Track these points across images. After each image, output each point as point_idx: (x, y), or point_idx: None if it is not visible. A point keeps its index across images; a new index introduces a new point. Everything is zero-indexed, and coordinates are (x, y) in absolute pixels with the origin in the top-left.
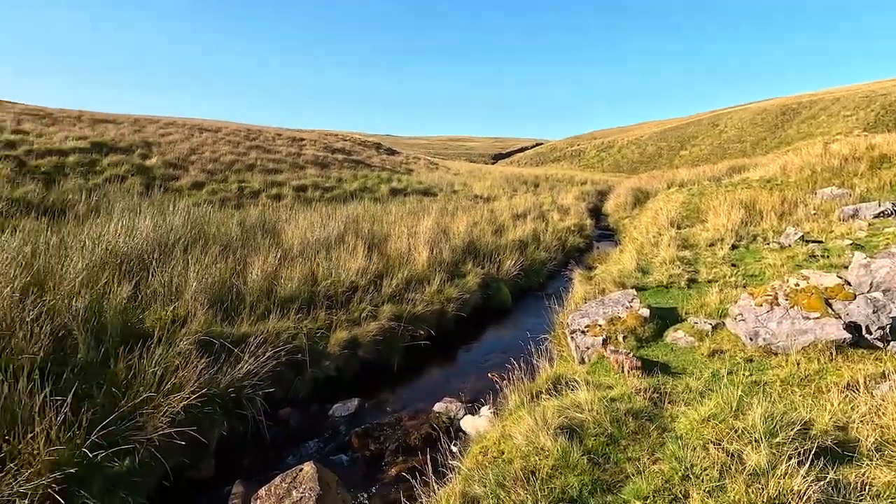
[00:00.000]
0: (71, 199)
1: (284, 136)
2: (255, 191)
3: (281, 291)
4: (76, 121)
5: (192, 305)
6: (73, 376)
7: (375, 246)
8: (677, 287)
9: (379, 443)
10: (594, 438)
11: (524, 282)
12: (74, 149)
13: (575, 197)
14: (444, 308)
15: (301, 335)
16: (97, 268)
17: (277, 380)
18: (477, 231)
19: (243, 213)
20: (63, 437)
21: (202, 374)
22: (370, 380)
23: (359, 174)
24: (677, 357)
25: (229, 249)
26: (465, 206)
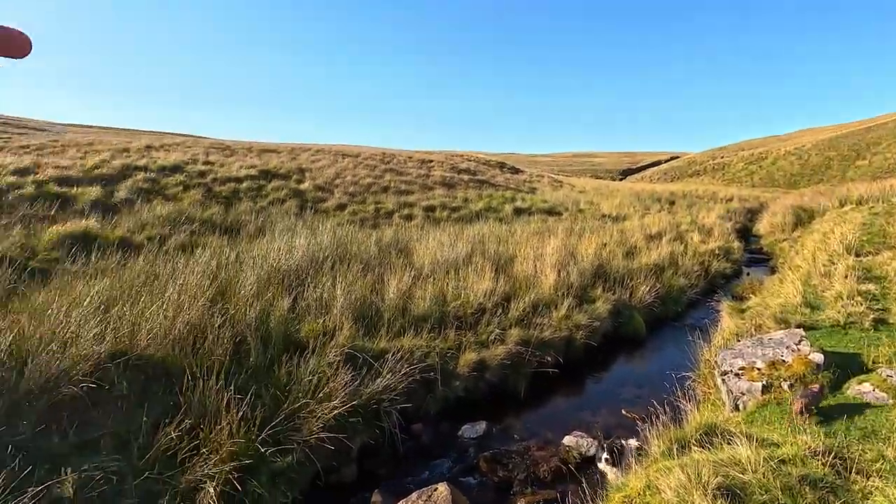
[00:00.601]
0: (244, 220)
1: (414, 158)
2: (389, 211)
3: (414, 310)
4: (248, 151)
5: (339, 319)
6: (247, 378)
7: (501, 267)
8: (859, 328)
9: (507, 470)
10: None
11: (660, 310)
12: (247, 176)
13: (719, 216)
14: (572, 335)
15: (433, 354)
16: (264, 282)
17: (411, 395)
18: (606, 253)
19: (379, 233)
20: (241, 431)
21: (348, 385)
22: (497, 403)
23: (483, 194)
24: (864, 416)
25: (368, 267)
26: (592, 226)
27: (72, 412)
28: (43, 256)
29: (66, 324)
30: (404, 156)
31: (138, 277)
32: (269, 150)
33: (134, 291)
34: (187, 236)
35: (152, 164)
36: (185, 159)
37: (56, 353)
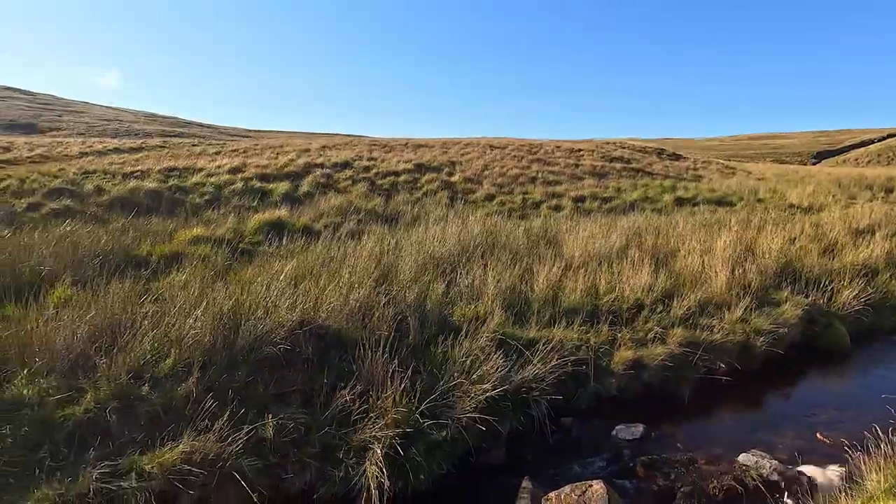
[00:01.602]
0: (401, 210)
1: (562, 148)
2: (537, 202)
3: (564, 301)
4: (404, 147)
5: (490, 306)
6: (407, 353)
7: (661, 262)
8: None
9: (668, 479)
10: None
11: (871, 320)
12: (404, 170)
13: None
14: (748, 340)
15: (585, 347)
16: (420, 267)
17: (561, 388)
18: (795, 250)
19: (527, 223)
20: (403, 400)
21: (499, 369)
22: (655, 407)
23: (638, 183)
24: None
25: (517, 257)
26: (775, 217)
27: (271, 368)
28: (249, 240)
29: (267, 295)
30: (552, 146)
31: (318, 259)
32: (422, 146)
33: (315, 271)
34: (355, 224)
35: (327, 162)
36: (352, 156)
37: (261, 318)
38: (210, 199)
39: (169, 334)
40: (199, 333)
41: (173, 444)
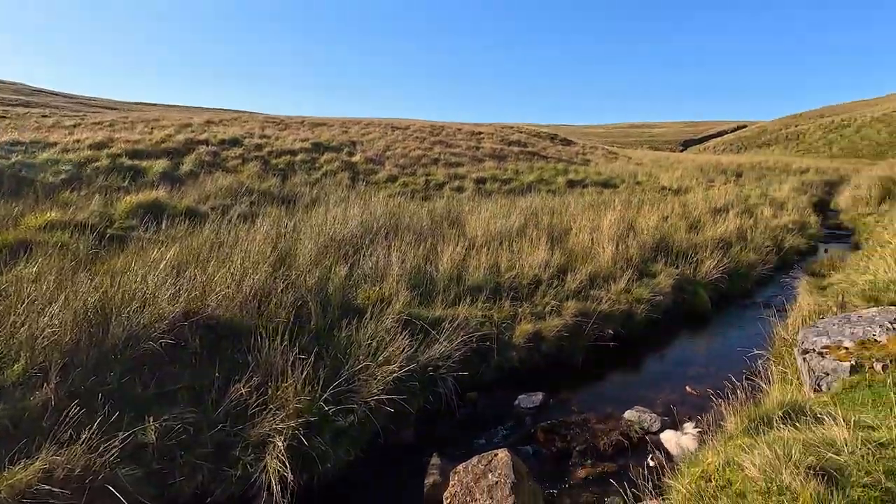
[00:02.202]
0: (299, 191)
1: (464, 130)
2: (440, 183)
3: (468, 280)
4: (300, 125)
5: (395, 287)
6: (309, 339)
7: (556, 240)
8: None
9: (565, 441)
10: (862, 490)
11: (727, 286)
12: (301, 149)
13: (793, 188)
14: (631, 308)
15: (488, 323)
16: (321, 250)
17: (466, 364)
18: (668, 226)
19: (431, 204)
20: (305, 389)
21: (405, 350)
22: (553, 375)
23: (535, 166)
24: None
25: (421, 238)
26: (651, 198)
27: (152, 366)
28: (119, 224)
29: (144, 285)
30: (454, 128)
31: (205, 244)
32: (320, 124)
33: (202, 257)
34: (247, 207)
35: (213, 139)
36: (242, 133)
37: (136, 312)
38: (68, 179)
39: (16, 335)
40: (58, 332)
41: (27, 461)
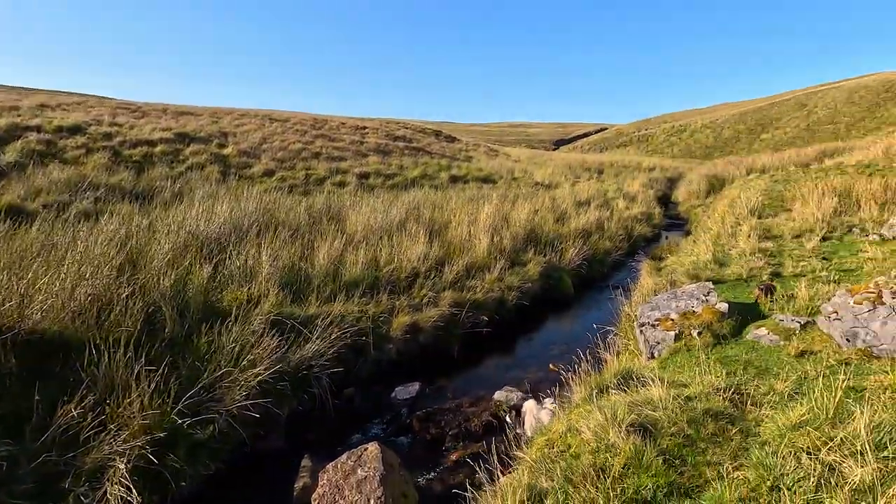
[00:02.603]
0: (158, 186)
1: (348, 124)
2: (321, 178)
3: (346, 275)
4: (162, 113)
5: (264, 287)
6: (161, 349)
7: (436, 233)
8: (759, 281)
9: (439, 427)
10: (669, 439)
11: (587, 272)
12: (161, 139)
13: (642, 184)
14: (504, 296)
15: (365, 318)
16: (181, 250)
17: (342, 360)
18: (538, 219)
19: (310, 200)
20: (154, 403)
21: (274, 351)
22: (431, 365)
23: (419, 161)
24: (759, 356)
25: (298, 234)
26: (525, 193)
27: None
28: None
29: None
30: (337, 122)
31: (31, 247)
32: (186, 113)
33: (26, 262)
34: (91, 203)
35: (47, 125)
36: (87, 120)
37: None
38: None
39: None
40: None
41: None
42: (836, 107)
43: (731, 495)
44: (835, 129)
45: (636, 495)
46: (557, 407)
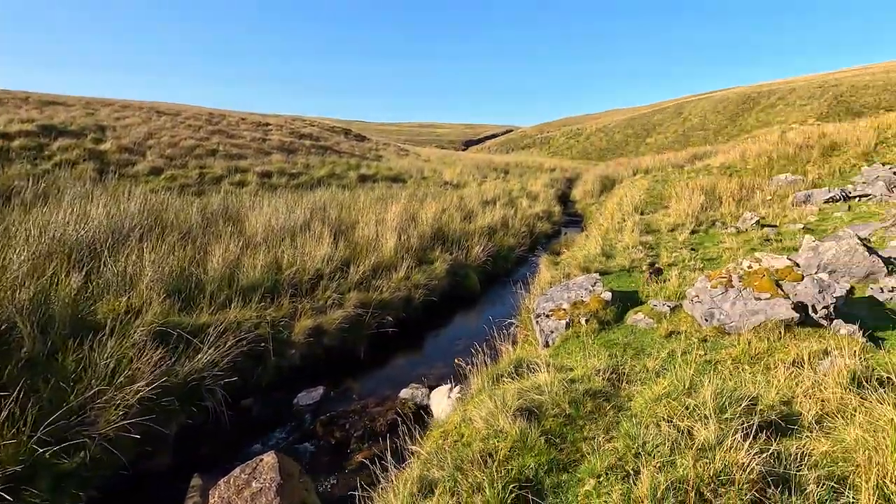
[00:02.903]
0: (16, 186)
1: (249, 120)
2: (218, 177)
3: (243, 280)
4: (22, 102)
5: (147, 295)
6: (18, 371)
7: (342, 233)
8: (639, 271)
9: (344, 430)
10: (552, 419)
11: (493, 268)
12: (20, 132)
13: (544, 184)
14: (411, 294)
15: (264, 324)
16: (43, 257)
17: (239, 369)
18: (446, 217)
19: (204, 200)
20: (7, 434)
21: (158, 365)
22: (336, 368)
23: (327, 160)
24: (637, 338)
25: (189, 237)
26: (434, 192)
27: None
28: None
29: None
30: (236, 117)
31: None
32: (54, 103)
33: None
34: None
35: None
36: None
37: None
38: None
39: None
40: None
41: None
42: (705, 115)
43: (601, 465)
44: (705, 134)
45: (519, 475)
46: (456, 399)
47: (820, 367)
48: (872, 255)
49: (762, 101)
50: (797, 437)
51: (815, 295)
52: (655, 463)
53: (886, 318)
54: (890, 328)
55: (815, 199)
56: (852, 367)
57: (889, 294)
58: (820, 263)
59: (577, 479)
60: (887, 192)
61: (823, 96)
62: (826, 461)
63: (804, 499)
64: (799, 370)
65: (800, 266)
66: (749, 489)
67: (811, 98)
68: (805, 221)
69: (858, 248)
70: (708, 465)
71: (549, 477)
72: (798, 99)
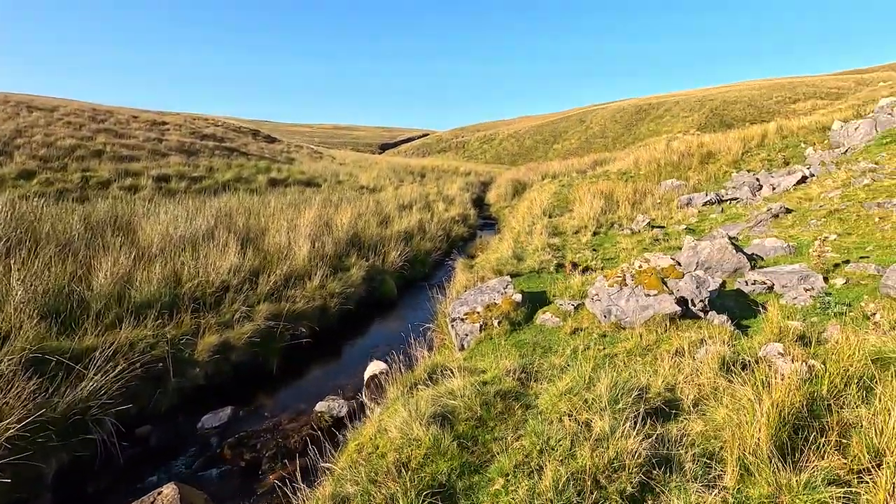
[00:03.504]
0: None
1: (142, 119)
2: (105, 181)
3: (137, 296)
4: None
5: (17, 318)
6: None
7: (251, 241)
8: (547, 272)
9: (255, 451)
10: (465, 423)
11: (410, 273)
12: None
13: (460, 187)
14: (326, 303)
15: (162, 343)
16: None
17: (134, 395)
18: (362, 223)
19: (88, 208)
20: None
21: (32, 397)
22: (246, 385)
23: (233, 163)
24: (545, 337)
25: (69, 250)
26: (350, 197)
27: None
28: None
29: None
30: (126, 115)
31: None
32: None
33: None
34: None
35: None
36: None
37: None
38: None
39: None
40: None
41: None
42: (605, 124)
43: (510, 464)
44: (605, 141)
45: (433, 481)
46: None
47: (698, 355)
48: (739, 253)
49: (652, 112)
50: (678, 420)
51: (694, 290)
52: (558, 456)
53: (749, 307)
54: (752, 316)
55: (695, 203)
56: (723, 354)
57: (752, 286)
58: (698, 261)
59: (488, 480)
60: (752, 195)
61: (702, 109)
62: (701, 440)
63: (682, 476)
64: (681, 359)
65: (681, 264)
66: (637, 472)
67: (692, 111)
68: (687, 223)
69: (728, 246)
70: (603, 454)
71: (461, 480)
72: (681, 111)
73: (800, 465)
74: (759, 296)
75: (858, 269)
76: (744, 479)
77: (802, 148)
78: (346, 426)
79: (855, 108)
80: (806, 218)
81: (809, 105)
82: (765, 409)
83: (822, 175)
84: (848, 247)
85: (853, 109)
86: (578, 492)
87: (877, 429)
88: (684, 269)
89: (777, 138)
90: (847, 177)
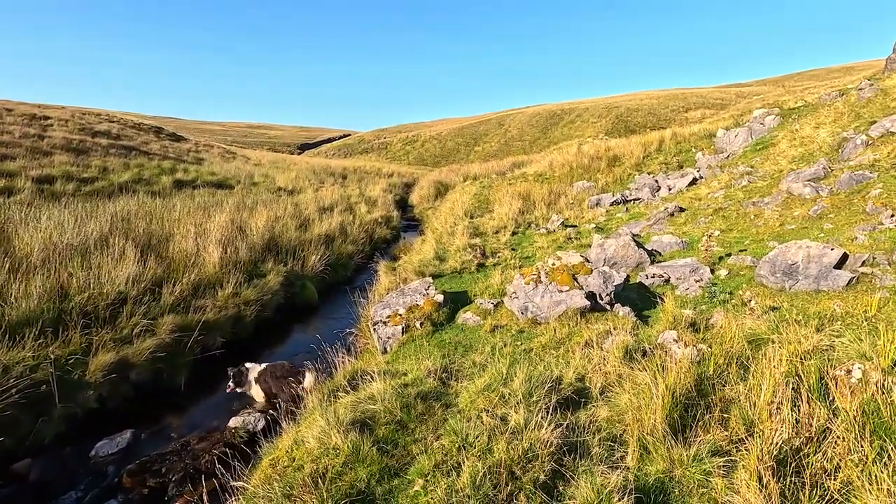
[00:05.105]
0: None
1: (18, 112)
2: None
3: (12, 313)
4: None
5: None
6: None
7: (153, 248)
8: (469, 272)
9: (160, 476)
10: (385, 427)
11: (331, 277)
12: None
13: (382, 189)
14: (241, 312)
15: (45, 365)
16: None
17: (8, 426)
18: (279, 226)
19: None
20: None
21: None
22: (149, 405)
23: (132, 163)
24: (466, 336)
25: None
26: (266, 199)
27: None
28: None
29: None
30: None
31: None
32: None
33: None
34: None
35: None
36: None
37: None
38: None
39: None
40: None
41: None
42: (522, 127)
43: (429, 464)
44: (523, 144)
45: (351, 489)
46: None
47: (605, 345)
48: (640, 249)
49: (565, 117)
50: (587, 408)
51: (601, 285)
52: (476, 452)
53: (650, 299)
54: (653, 307)
55: (603, 203)
56: (626, 343)
57: (652, 279)
58: (605, 257)
59: (408, 482)
60: (651, 196)
61: (609, 115)
62: (606, 425)
63: (590, 460)
64: (591, 350)
65: (591, 261)
66: (549, 460)
67: (600, 117)
68: (596, 222)
69: (631, 243)
70: (518, 446)
71: (380, 486)
72: (591, 117)
73: (689, 440)
74: (658, 287)
75: (738, 261)
76: (643, 458)
77: (693, 153)
78: (262, 441)
79: (735, 117)
80: (696, 216)
81: (699, 114)
82: (660, 392)
83: (709, 177)
84: (730, 241)
85: (733, 119)
86: (494, 485)
87: (751, 402)
88: (593, 265)
89: (672, 144)
90: (729, 179)
